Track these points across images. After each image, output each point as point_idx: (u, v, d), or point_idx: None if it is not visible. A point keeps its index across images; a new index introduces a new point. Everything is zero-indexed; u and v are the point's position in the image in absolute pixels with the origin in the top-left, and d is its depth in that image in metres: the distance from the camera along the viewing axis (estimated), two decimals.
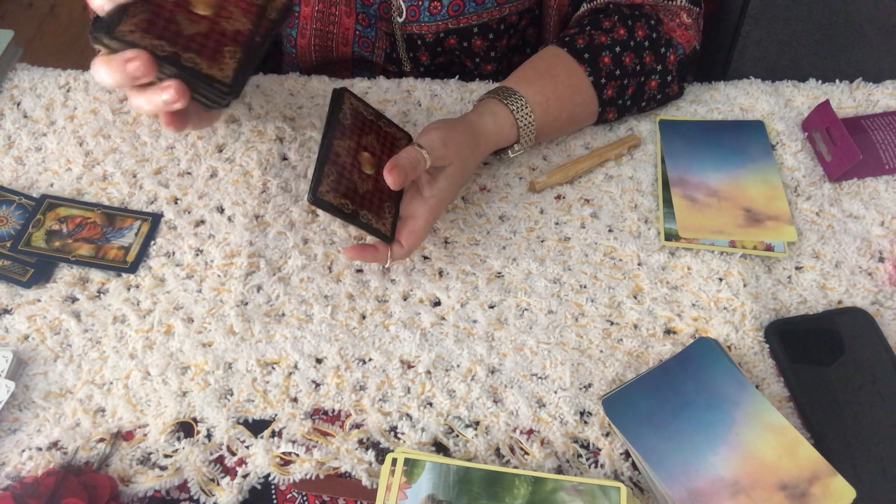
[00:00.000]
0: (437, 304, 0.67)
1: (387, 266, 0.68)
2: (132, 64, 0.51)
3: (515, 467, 0.57)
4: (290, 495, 0.57)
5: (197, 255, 0.70)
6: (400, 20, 0.80)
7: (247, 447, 0.59)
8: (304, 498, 0.57)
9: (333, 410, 0.61)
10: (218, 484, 0.57)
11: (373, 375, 0.62)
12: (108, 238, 0.70)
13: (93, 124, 0.79)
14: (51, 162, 0.76)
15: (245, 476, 0.58)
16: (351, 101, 0.65)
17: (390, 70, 0.87)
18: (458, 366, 0.63)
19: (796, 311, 0.66)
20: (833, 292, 0.67)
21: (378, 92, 0.82)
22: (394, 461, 0.55)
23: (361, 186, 0.62)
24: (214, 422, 0.60)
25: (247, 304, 0.67)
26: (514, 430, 0.60)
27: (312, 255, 0.70)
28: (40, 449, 0.59)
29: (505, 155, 0.74)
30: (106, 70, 0.52)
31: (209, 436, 0.60)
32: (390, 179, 0.60)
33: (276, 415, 0.61)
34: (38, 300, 0.67)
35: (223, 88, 0.54)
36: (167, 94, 0.52)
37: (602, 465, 0.58)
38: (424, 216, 0.64)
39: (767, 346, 0.63)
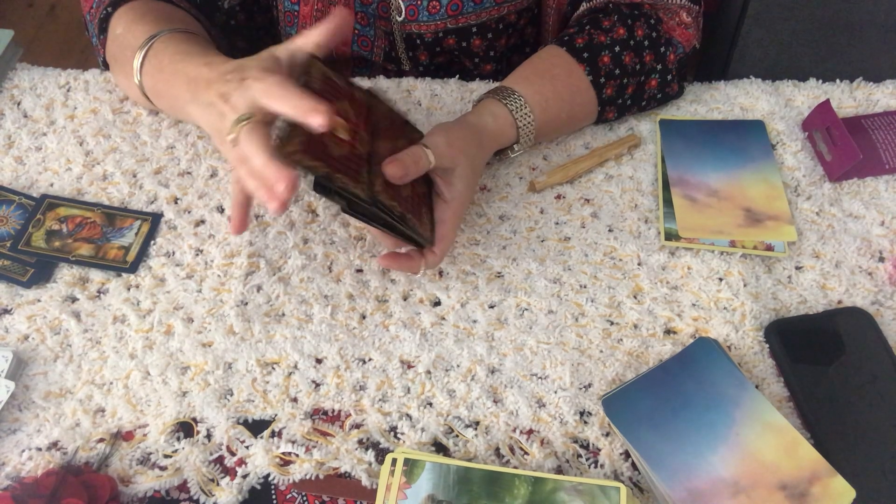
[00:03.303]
0: (437, 304, 0.67)
1: (419, 275, 0.68)
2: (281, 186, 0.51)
3: (515, 467, 0.57)
4: (289, 495, 0.57)
5: (197, 254, 0.70)
6: (399, 19, 0.80)
7: (247, 447, 0.59)
8: (304, 498, 0.57)
9: (333, 410, 0.61)
10: (218, 484, 0.57)
11: (373, 375, 0.62)
12: (108, 238, 0.70)
13: (93, 124, 0.79)
14: (51, 162, 0.76)
15: (245, 476, 0.58)
16: (381, 102, 0.64)
17: (389, 69, 0.87)
18: (458, 366, 0.63)
19: (796, 311, 0.66)
20: (833, 292, 0.67)
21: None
22: (394, 461, 0.55)
23: (404, 190, 0.61)
24: (214, 422, 0.60)
25: (247, 304, 0.67)
26: (514, 430, 0.60)
27: (312, 255, 0.70)
28: (40, 449, 0.59)
29: (505, 155, 0.74)
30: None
31: (209, 436, 0.60)
32: (389, 170, 0.58)
33: (275, 415, 0.61)
34: (38, 300, 0.67)
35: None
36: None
37: (602, 465, 0.58)
38: (450, 220, 0.64)
39: (767, 346, 0.63)
